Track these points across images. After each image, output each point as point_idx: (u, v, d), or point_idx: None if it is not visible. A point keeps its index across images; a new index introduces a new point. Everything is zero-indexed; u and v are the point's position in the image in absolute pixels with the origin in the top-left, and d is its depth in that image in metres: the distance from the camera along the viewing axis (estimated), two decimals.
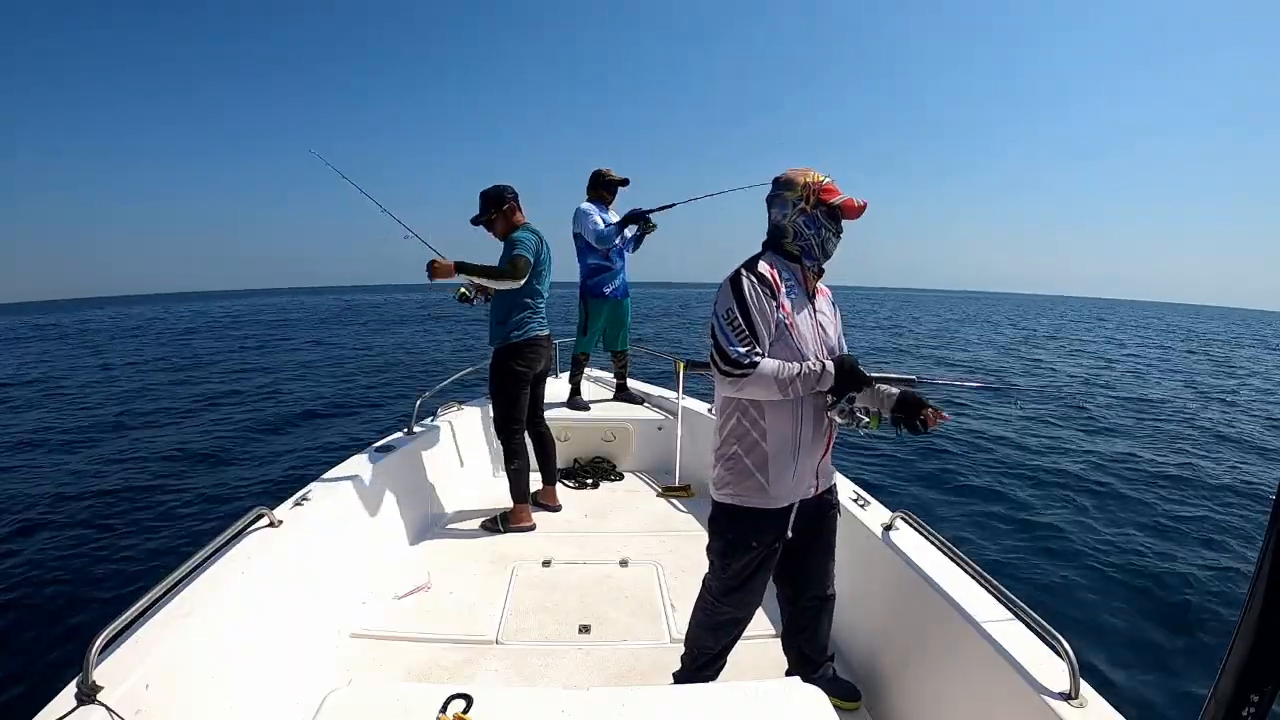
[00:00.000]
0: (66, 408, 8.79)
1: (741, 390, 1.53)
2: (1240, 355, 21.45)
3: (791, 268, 1.63)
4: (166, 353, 16.23)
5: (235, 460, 6.32)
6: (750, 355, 1.50)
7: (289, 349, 16.42)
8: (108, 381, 11.33)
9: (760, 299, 1.53)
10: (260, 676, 1.68)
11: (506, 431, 2.97)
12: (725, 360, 1.51)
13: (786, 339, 1.56)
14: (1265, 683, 0.58)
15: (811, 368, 1.53)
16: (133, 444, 6.86)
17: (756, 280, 1.55)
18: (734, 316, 1.52)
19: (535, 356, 2.93)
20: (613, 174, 3.95)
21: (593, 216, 3.83)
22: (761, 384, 1.50)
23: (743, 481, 1.62)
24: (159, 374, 12.30)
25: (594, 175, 3.96)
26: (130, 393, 10.06)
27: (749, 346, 1.51)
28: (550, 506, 3.24)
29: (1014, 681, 1.39)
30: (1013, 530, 4.83)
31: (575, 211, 3.88)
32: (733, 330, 1.52)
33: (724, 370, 1.52)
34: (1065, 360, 16.99)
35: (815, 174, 1.60)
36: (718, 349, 1.53)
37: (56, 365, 13.91)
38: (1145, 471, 6.49)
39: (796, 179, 1.60)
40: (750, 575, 1.68)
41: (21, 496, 5.21)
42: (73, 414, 8.40)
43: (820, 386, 1.55)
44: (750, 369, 1.49)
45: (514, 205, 2.91)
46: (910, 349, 18.49)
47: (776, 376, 1.50)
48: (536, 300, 2.92)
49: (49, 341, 20.73)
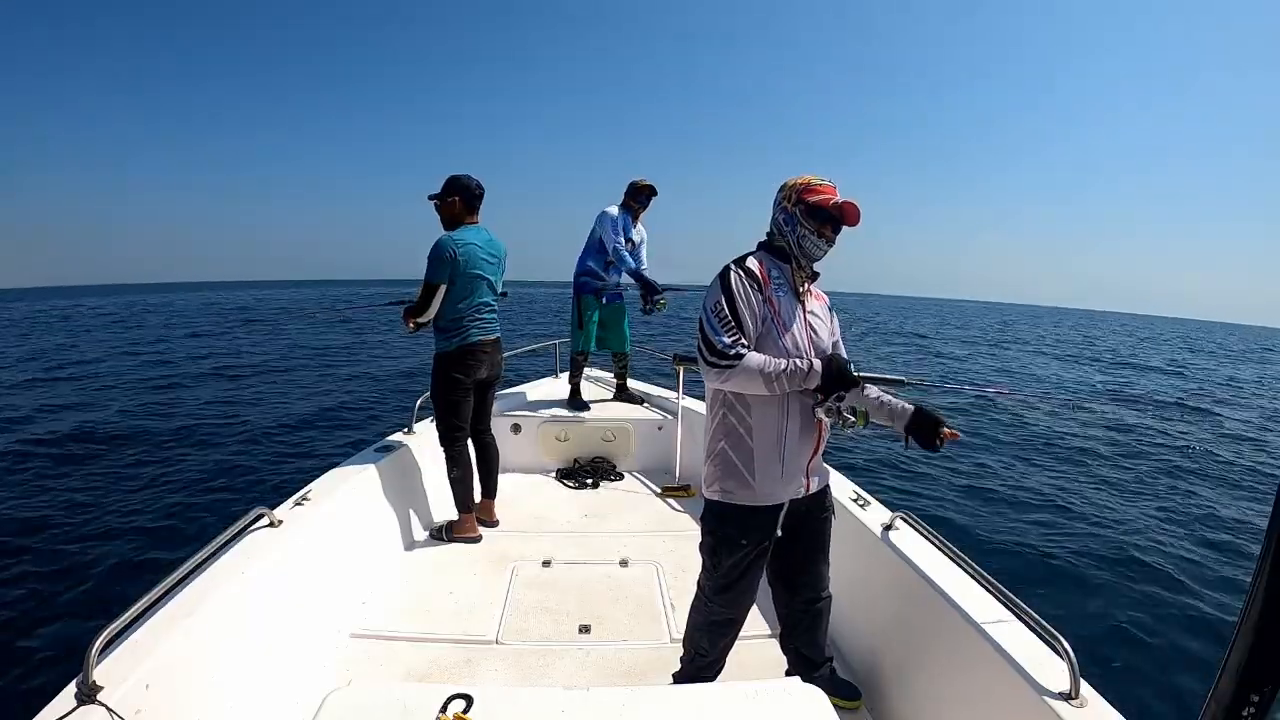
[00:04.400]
0: (67, 405, 8.79)
1: (727, 382, 1.55)
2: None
3: (782, 267, 1.65)
4: (167, 347, 16.21)
5: (235, 460, 6.31)
6: (736, 346, 1.52)
7: (289, 346, 16.42)
8: (109, 376, 11.33)
9: (747, 292, 1.56)
10: (260, 676, 1.68)
11: (448, 439, 2.89)
12: (711, 351, 1.54)
13: (773, 334, 1.58)
14: (1265, 683, 0.58)
15: (798, 364, 1.54)
16: (133, 444, 6.86)
17: (744, 275, 1.58)
18: (721, 309, 1.55)
19: (475, 363, 2.85)
20: (644, 182, 3.95)
21: (616, 229, 3.85)
22: (747, 376, 1.52)
23: (730, 478, 1.64)
24: (156, 370, 12.29)
25: (630, 186, 3.96)
26: (129, 390, 10.06)
27: (735, 337, 1.53)
28: (485, 521, 3.07)
29: (1014, 681, 1.39)
30: (1013, 530, 4.83)
31: (601, 213, 3.90)
32: (719, 322, 1.54)
33: (710, 361, 1.54)
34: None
35: (809, 177, 1.61)
36: (704, 340, 1.56)
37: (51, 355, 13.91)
38: (1146, 471, 6.50)
39: (789, 182, 1.63)
40: (741, 574, 1.68)
41: (21, 496, 5.21)
42: (73, 411, 8.40)
43: (807, 384, 1.56)
44: (736, 360, 1.51)
45: (460, 201, 2.80)
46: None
47: (762, 370, 1.52)
48: (475, 305, 2.83)
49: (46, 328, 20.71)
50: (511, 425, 3.82)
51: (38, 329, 23.22)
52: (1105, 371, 17.41)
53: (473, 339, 2.82)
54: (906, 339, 25.29)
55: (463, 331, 2.80)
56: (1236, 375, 19.32)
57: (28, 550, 4.16)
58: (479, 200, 2.86)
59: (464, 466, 2.92)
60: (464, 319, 2.80)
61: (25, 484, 5.55)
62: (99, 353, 15.20)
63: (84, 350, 15.84)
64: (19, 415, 8.19)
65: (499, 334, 2.98)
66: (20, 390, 10.05)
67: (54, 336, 20.10)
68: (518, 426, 3.84)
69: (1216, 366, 21.83)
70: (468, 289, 2.79)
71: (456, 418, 2.88)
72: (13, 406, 8.70)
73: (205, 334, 20.28)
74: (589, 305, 4.03)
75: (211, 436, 7.20)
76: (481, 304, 2.85)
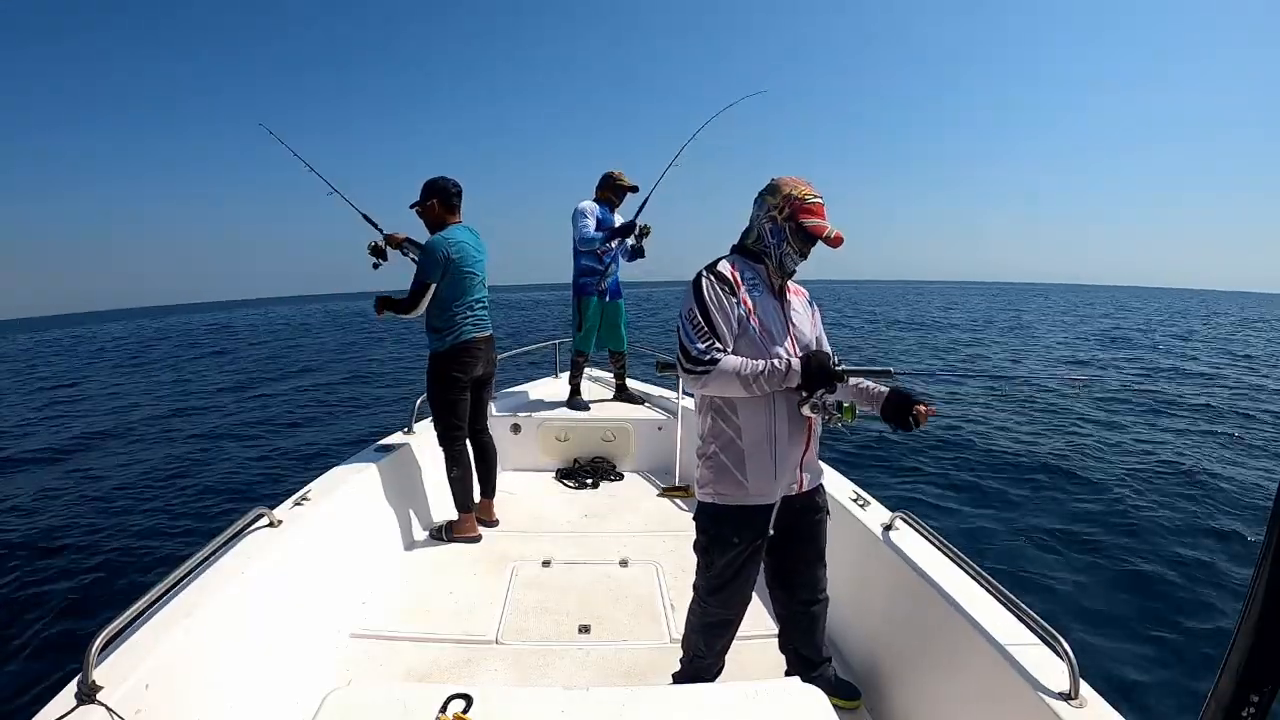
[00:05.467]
0: (68, 412, 8.79)
1: (705, 387, 1.56)
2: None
3: (755, 267, 1.65)
4: (173, 359, 16.22)
5: (235, 461, 6.32)
6: (710, 352, 1.53)
7: (289, 351, 16.42)
8: (109, 385, 11.34)
9: (720, 297, 1.56)
10: (260, 676, 1.68)
11: (447, 439, 2.89)
12: (688, 358, 1.55)
13: (751, 335, 1.58)
14: (1265, 683, 0.58)
15: (776, 365, 1.54)
16: (133, 445, 6.86)
17: (715, 279, 1.58)
18: (694, 316, 1.56)
19: (471, 360, 2.85)
20: (623, 179, 3.93)
21: (586, 219, 3.82)
22: (724, 380, 1.53)
23: (722, 479, 1.64)
24: (159, 375, 12.30)
25: (603, 177, 3.95)
26: (129, 395, 10.06)
27: (709, 343, 1.54)
28: (484, 521, 3.08)
29: (1014, 681, 1.39)
30: (1013, 530, 4.83)
31: (574, 210, 3.88)
32: (694, 329, 1.55)
33: (686, 368, 1.56)
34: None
35: (805, 188, 1.59)
36: (681, 348, 1.58)
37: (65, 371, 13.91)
38: (1146, 470, 6.49)
39: (783, 187, 1.60)
40: (735, 573, 1.69)
41: (22, 497, 5.21)
42: (73, 417, 8.40)
43: (788, 383, 1.55)
44: (711, 365, 1.52)
45: (438, 203, 2.82)
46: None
47: (739, 373, 1.52)
48: (468, 303, 2.83)
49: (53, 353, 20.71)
50: (511, 425, 3.82)
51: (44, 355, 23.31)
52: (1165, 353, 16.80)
53: (466, 336, 2.83)
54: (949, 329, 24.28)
55: (456, 330, 2.80)
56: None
57: (28, 550, 4.16)
58: (458, 199, 2.87)
59: (463, 466, 2.92)
60: (457, 317, 2.80)
61: (25, 485, 5.55)
62: (101, 365, 15.21)
63: (89, 362, 15.85)
64: (19, 415, 8.19)
65: (491, 331, 2.99)
66: (23, 394, 10.06)
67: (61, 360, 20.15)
68: (517, 426, 3.84)
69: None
70: (461, 287, 2.80)
71: (455, 416, 2.88)
72: (12, 405, 8.69)
73: (206, 347, 20.27)
74: (589, 307, 4.03)
75: (211, 436, 7.20)
76: (474, 300, 2.86)
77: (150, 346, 22.99)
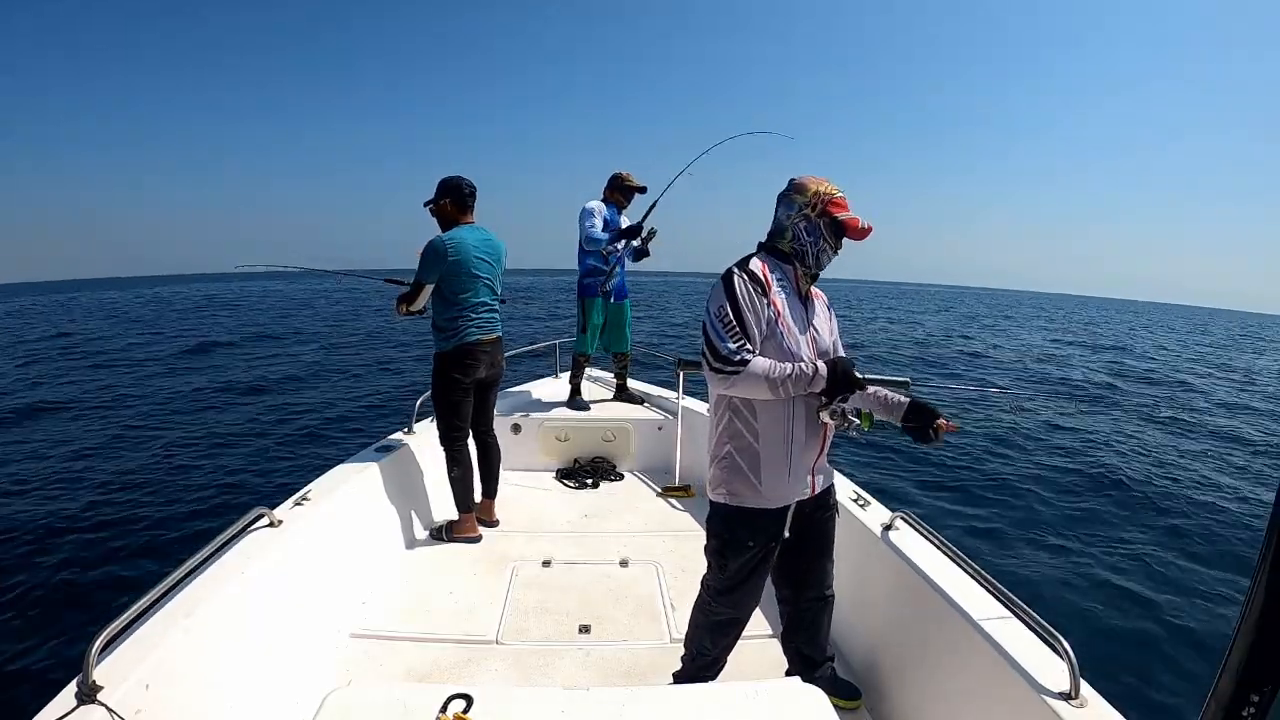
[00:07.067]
0: (64, 405, 8.79)
1: (733, 388, 1.53)
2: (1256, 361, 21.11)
3: (784, 268, 1.64)
4: (171, 346, 16.17)
5: (235, 460, 6.31)
6: (741, 352, 1.51)
7: (291, 340, 16.38)
8: (106, 373, 11.32)
9: (751, 296, 1.54)
10: (260, 676, 1.68)
11: (448, 439, 2.90)
12: (716, 357, 1.52)
13: (778, 338, 1.56)
14: (1265, 683, 0.58)
15: (804, 369, 1.53)
16: (132, 444, 6.86)
17: (748, 278, 1.56)
18: (725, 314, 1.53)
19: (474, 362, 2.84)
20: (632, 180, 3.94)
21: (593, 219, 3.84)
22: (752, 382, 1.51)
23: (737, 481, 1.63)
24: (156, 366, 12.29)
25: (612, 178, 3.96)
26: (128, 387, 10.06)
27: (740, 343, 1.51)
28: (484, 522, 3.06)
29: (1014, 681, 1.39)
30: (1013, 530, 4.83)
31: (581, 209, 3.89)
32: (724, 327, 1.53)
33: (715, 367, 1.53)
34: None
35: (830, 185, 1.60)
36: (709, 346, 1.54)
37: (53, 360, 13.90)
38: (1146, 470, 6.50)
39: (809, 185, 1.60)
40: (747, 575, 1.68)
41: (21, 497, 5.21)
42: (72, 413, 8.41)
43: (812, 388, 1.55)
44: (741, 366, 1.50)
45: (450, 202, 2.82)
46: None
47: (768, 375, 1.50)
48: (472, 304, 2.82)
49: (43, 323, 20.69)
50: (512, 425, 3.82)
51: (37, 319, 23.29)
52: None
53: (470, 339, 2.81)
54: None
55: (459, 332, 2.79)
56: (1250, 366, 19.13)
57: (28, 550, 4.16)
58: (471, 199, 2.85)
59: (464, 466, 2.92)
60: (460, 319, 2.79)
61: (25, 484, 5.55)
62: (98, 344, 15.18)
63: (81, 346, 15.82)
64: (18, 418, 8.20)
65: (500, 333, 2.96)
66: (20, 388, 10.06)
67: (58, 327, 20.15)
68: (518, 426, 3.84)
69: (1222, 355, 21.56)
70: (463, 289, 2.78)
71: (456, 417, 2.87)
72: (13, 407, 8.70)
73: (194, 317, 20.20)
74: (591, 308, 4.03)
75: (211, 437, 7.20)
76: (479, 303, 2.84)
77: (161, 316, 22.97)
